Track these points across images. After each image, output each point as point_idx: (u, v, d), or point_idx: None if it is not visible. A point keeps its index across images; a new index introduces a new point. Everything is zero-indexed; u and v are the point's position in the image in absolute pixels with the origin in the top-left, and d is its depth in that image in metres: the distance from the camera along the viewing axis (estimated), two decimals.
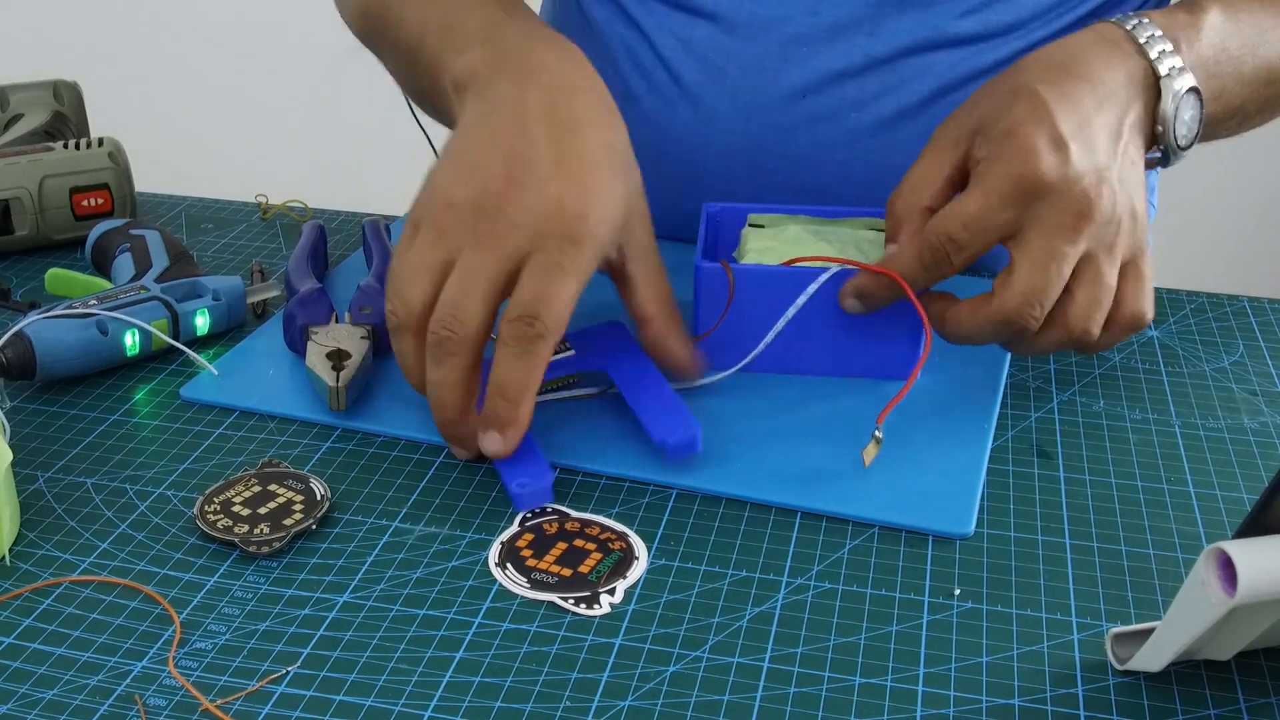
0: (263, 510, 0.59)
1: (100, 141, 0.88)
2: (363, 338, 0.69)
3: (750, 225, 0.73)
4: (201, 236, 0.90)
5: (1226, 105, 0.71)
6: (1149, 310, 0.64)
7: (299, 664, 0.51)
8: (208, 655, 0.52)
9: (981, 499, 0.62)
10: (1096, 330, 0.62)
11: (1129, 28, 0.67)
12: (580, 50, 0.67)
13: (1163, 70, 0.66)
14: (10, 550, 0.58)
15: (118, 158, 0.88)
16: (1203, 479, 0.64)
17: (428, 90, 0.74)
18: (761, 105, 0.81)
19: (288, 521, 0.59)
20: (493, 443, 0.60)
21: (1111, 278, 0.62)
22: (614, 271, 0.65)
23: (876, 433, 0.61)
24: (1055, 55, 0.66)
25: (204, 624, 0.53)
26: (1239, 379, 0.73)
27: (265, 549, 0.57)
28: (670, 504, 0.61)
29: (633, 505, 0.61)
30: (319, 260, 0.81)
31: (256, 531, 0.58)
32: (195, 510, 0.59)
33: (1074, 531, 0.60)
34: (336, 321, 0.71)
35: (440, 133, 0.86)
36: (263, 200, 0.94)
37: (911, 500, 0.61)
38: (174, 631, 0.53)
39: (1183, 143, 0.67)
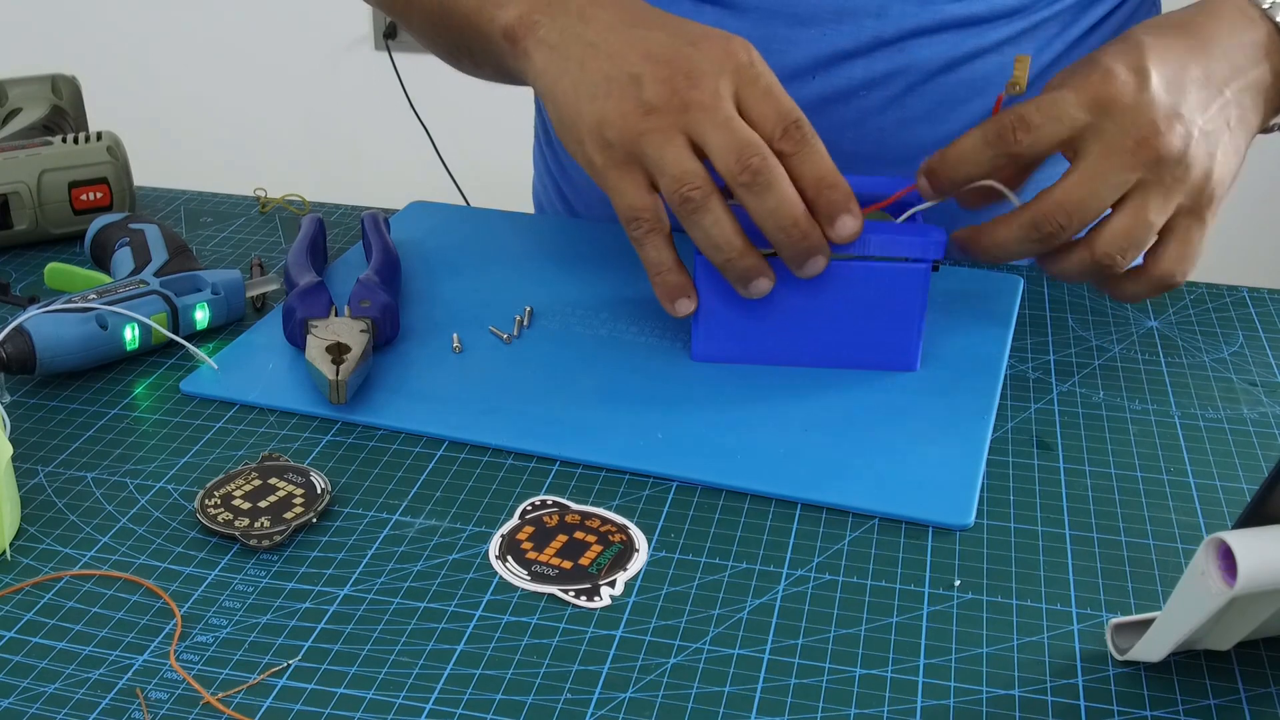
0: (263, 504, 0.60)
1: (99, 136, 0.88)
2: (362, 331, 0.69)
3: None
4: (200, 230, 0.90)
5: None
6: (1182, 274, 0.64)
7: (300, 657, 0.52)
8: (209, 649, 0.52)
9: (981, 490, 0.62)
10: (1122, 263, 0.62)
11: None
12: None
13: None
14: (11, 545, 0.58)
15: (116, 152, 0.88)
16: (1202, 469, 0.64)
17: (466, 44, 0.76)
18: (776, 46, 0.82)
19: (288, 515, 0.59)
20: (825, 247, 0.65)
21: (1156, 218, 0.62)
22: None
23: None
24: (1175, 16, 0.67)
25: (205, 618, 0.54)
26: (1239, 369, 0.73)
27: (266, 542, 0.57)
28: (670, 496, 0.61)
29: (633, 497, 0.61)
30: (318, 254, 0.81)
31: (257, 525, 0.58)
32: (196, 504, 0.59)
33: (1074, 522, 0.60)
34: (336, 315, 0.71)
35: (440, 128, 0.86)
36: (261, 194, 0.94)
37: (911, 492, 0.61)
38: (175, 625, 0.53)
39: None
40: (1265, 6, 0.66)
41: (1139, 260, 0.68)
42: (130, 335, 0.71)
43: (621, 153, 0.65)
